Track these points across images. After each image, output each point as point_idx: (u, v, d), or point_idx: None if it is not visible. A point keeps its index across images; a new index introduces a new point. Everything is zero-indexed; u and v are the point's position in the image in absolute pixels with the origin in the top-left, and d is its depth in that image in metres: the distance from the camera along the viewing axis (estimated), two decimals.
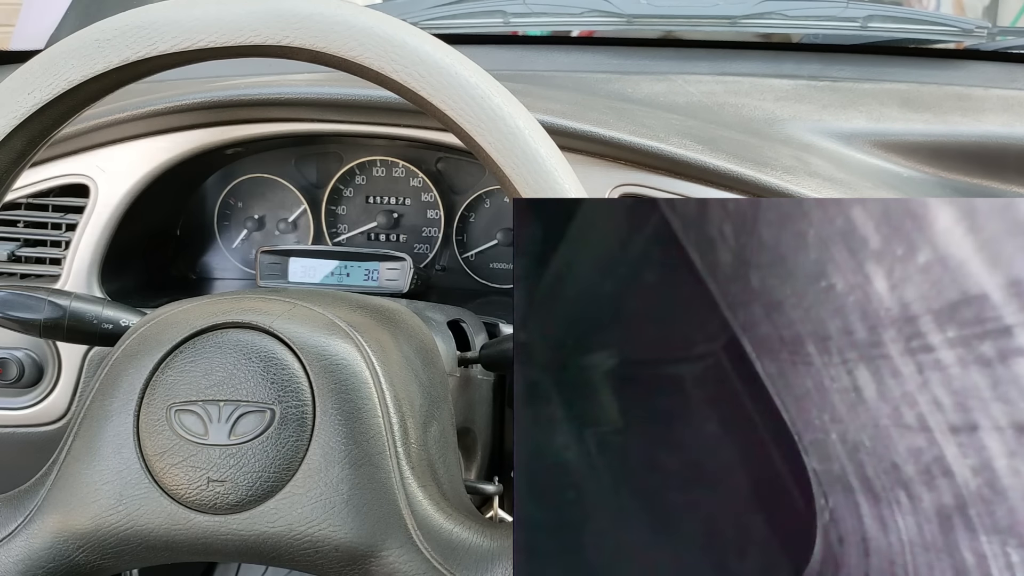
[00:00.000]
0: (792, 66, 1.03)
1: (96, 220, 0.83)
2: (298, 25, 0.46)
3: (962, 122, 0.89)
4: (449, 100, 0.46)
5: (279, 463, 0.50)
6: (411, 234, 0.98)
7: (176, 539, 0.50)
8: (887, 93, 0.92)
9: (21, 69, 0.48)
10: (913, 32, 1.13)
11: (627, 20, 1.15)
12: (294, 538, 0.50)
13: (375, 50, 0.46)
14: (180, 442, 0.50)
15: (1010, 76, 1.00)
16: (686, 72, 0.97)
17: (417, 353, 0.59)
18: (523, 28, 1.20)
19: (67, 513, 0.51)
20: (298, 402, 0.51)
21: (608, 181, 0.79)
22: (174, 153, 0.84)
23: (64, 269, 0.83)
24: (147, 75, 0.49)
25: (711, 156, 0.77)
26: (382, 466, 0.51)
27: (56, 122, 0.49)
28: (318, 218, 0.98)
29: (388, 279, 0.87)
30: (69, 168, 0.84)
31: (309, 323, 0.54)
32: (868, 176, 0.84)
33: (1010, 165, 0.86)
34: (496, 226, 0.96)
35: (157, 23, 0.47)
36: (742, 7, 1.13)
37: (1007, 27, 1.27)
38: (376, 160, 0.96)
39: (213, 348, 0.52)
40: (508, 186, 0.48)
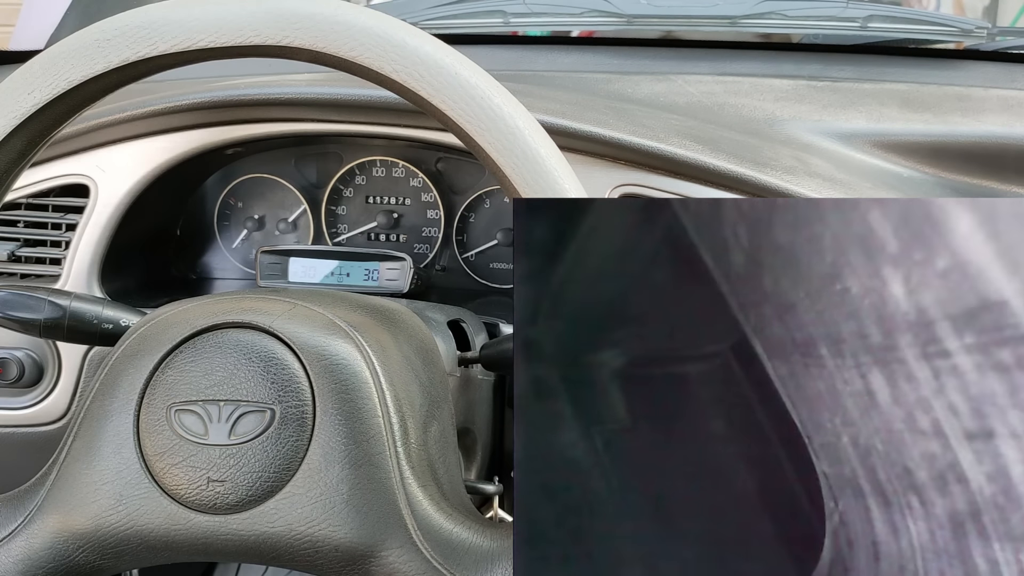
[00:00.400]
0: (792, 66, 1.03)
1: (96, 220, 0.83)
2: (298, 25, 0.46)
3: (962, 122, 0.89)
4: (449, 100, 0.46)
5: (279, 463, 0.50)
6: (411, 234, 0.98)
7: (176, 539, 0.50)
8: (887, 93, 0.92)
9: (21, 69, 0.48)
10: (913, 32, 1.13)
11: (627, 20, 1.15)
12: (294, 538, 0.50)
13: (375, 50, 0.46)
14: (180, 442, 0.50)
15: (1010, 76, 1.00)
16: (686, 72, 0.97)
17: (417, 353, 0.59)
18: (523, 28, 1.20)
19: (67, 513, 0.51)
20: (298, 402, 0.51)
21: (608, 181, 0.79)
22: (174, 153, 0.84)
23: (64, 269, 0.83)
24: (147, 75, 0.49)
25: (711, 156, 0.77)
26: (382, 466, 0.51)
27: (56, 122, 0.49)
28: (318, 218, 0.98)
29: (388, 279, 0.87)
30: (69, 168, 0.84)
31: (309, 323, 0.54)
32: (868, 176, 0.84)
33: (1010, 165, 0.86)
34: (496, 226, 0.96)
35: (157, 23, 0.47)
36: (742, 7, 1.13)
37: (1007, 27, 1.27)
38: (376, 160, 0.96)
39: (213, 348, 0.52)
40: (508, 186, 0.48)
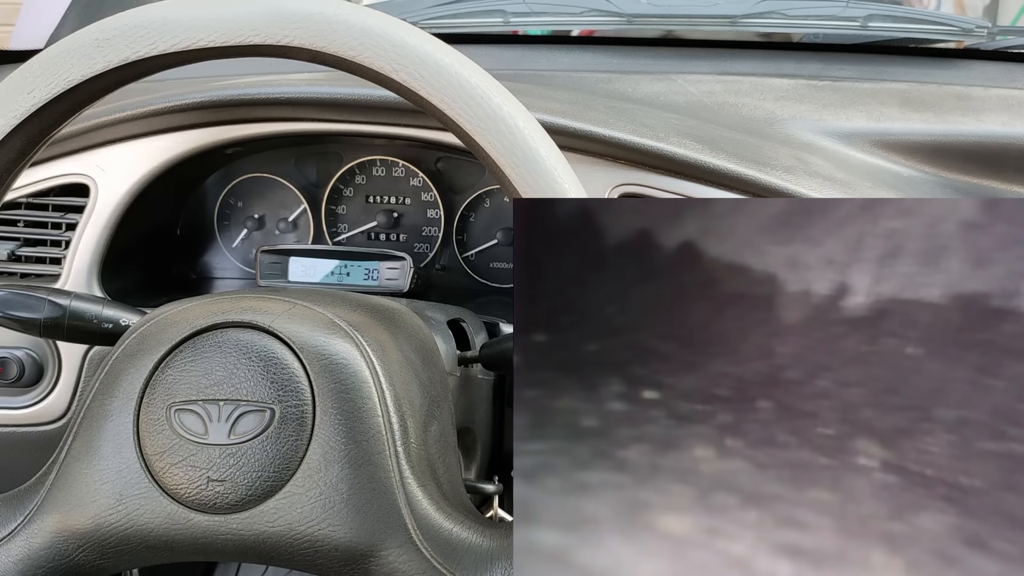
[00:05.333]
0: (792, 66, 1.03)
1: (96, 220, 0.83)
2: (298, 25, 0.46)
3: (962, 121, 0.89)
4: (449, 100, 0.46)
5: (279, 463, 0.50)
6: (411, 233, 0.98)
7: (176, 539, 0.50)
8: (887, 92, 0.92)
9: (21, 69, 0.48)
10: (913, 31, 1.13)
11: (627, 19, 1.15)
12: (294, 538, 0.50)
13: (375, 50, 0.46)
14: (180, 441, 0.50)
15: (1010, 75, 1.00)
16: (686, 72, 0.97)
17: (417, 353, 0.59)
18: (523, 27, 1.20)
19: (67, 513, 0.51)
20: (298, 401, 0.51)
21: (608, 180, 0.79)
22: (174, 153, 0.84)
23: (64, 269, 0.83)
24: (147, 75, 0.49)
25: (711, 156, 0.77)
26: (382, 466, 0.51)
27: (56, 122, 0.49)
28: (318, 217, 0.98)
29: (388, 278, 0.87)
30: (69, 168, 0.84)
31: (309, 322, 0.54)
32: (868, 175, 0.84)
33: (1010, 164, 0.86)
34: (496, 226, 0.96)
35: (157, 23, 0.47)
36: (742, 6, 1.13)
37: (1007, 26, 1.27)
38: (376, 160, 0.96)
39: (213, 348, 0.52)
40: (508, 186, 0.48)
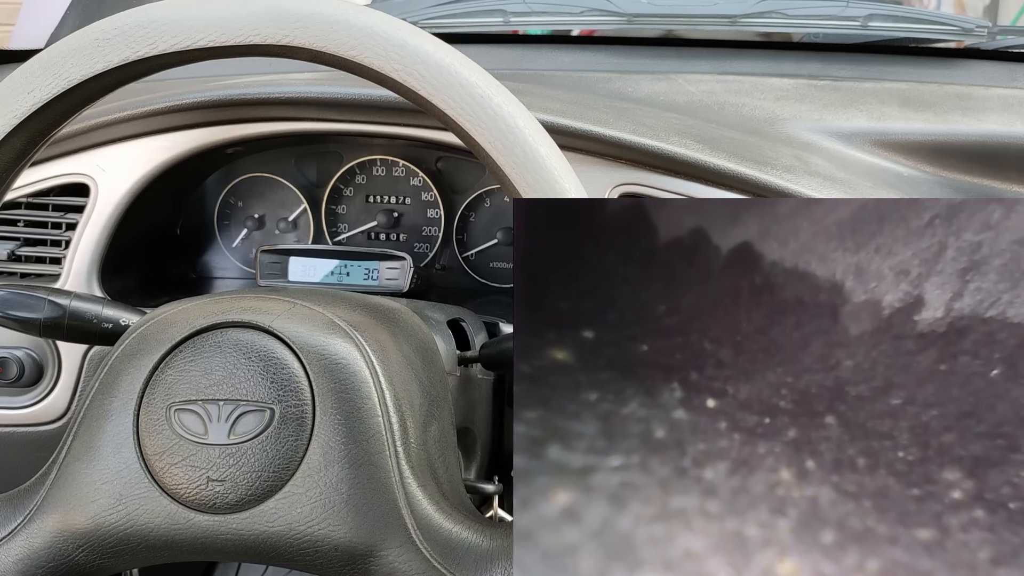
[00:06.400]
0: (792, 65, 1.03)
1: (96, 219, 0.83)
2: (298, 25, 0.46)
3: (962, 121, 0.89)
4: (449, 99, 0.46)
5: (279, 463, 0.50)
6: (411, 233, 0.98)
7: (176, 539, 0.50)
8: (888, 92, 0.92)
9: (21, 68, 0.48)
10: (914, 31, 1.13)
11: (627, 19, 1.15)
12: (294, 538, 0.50)
13: (375, 49, 0.46)
14: (180, 441, 0.50)
15: (1011, 75, 1.00)
16: (686, 71, 0.97)
17: (417, 352, 0.59)
18: (523, 27, 1.20)
19: (67, 512, 0.51)
20: (298, 401, 0.51)
21: (608, 180, 0.79)
22: (174, 152, 0.84)
23: (64, 268, 0.83)
24: (147, 75, 0.49)
25: (711, 155, 0.77)
26: (381, 466, 0.51)
27: (56, 121, 0.49)
28: (318, 217, 0.98)
29: (388, 278, 0.87)
30: (69, 167, 0.84)
31: (309, 322, 0.54)
32: (868, 175, 0.84)
33: (1010, 164, 0.86)
34: (496, 225, 0.96)
35: (157, 23, 0.47)
36: (742, 6, 1.13)
37: (1007, 26, 1.27)
38: (376, 159, 0.96)
39: (213, 347, 0.52)
40: (508, 186, 0.48)
